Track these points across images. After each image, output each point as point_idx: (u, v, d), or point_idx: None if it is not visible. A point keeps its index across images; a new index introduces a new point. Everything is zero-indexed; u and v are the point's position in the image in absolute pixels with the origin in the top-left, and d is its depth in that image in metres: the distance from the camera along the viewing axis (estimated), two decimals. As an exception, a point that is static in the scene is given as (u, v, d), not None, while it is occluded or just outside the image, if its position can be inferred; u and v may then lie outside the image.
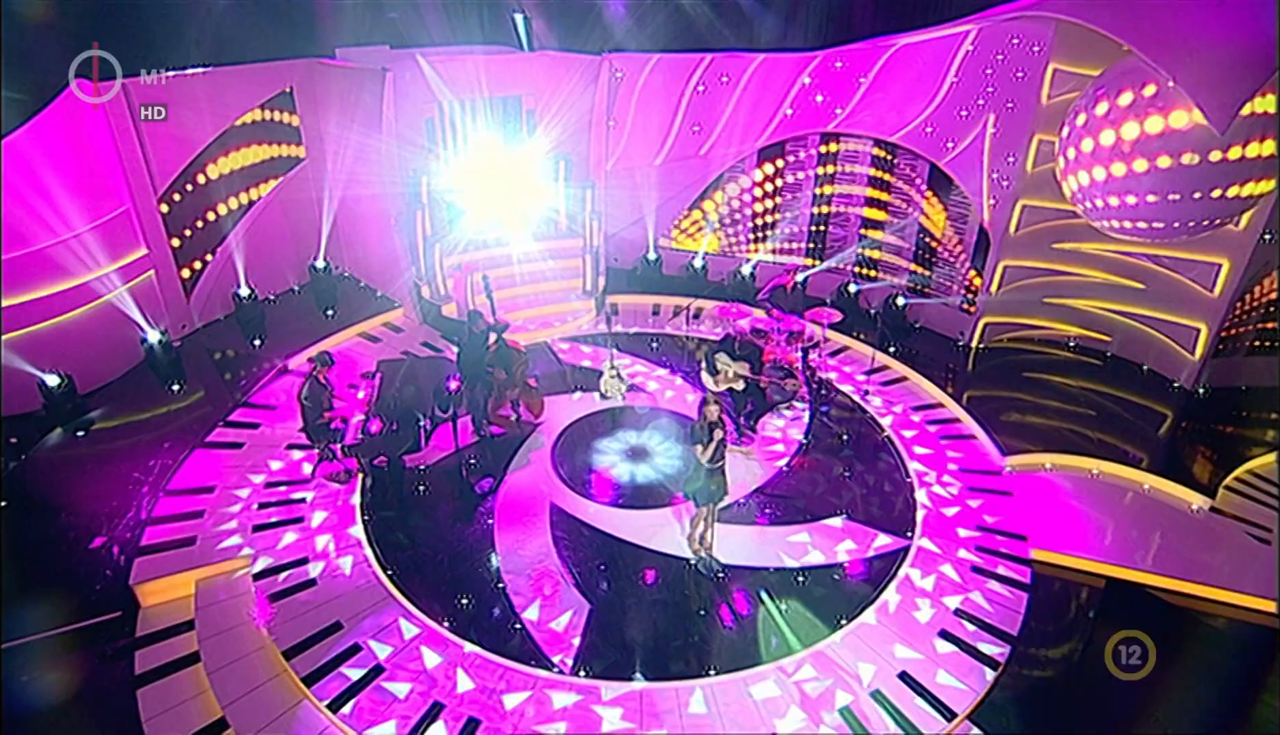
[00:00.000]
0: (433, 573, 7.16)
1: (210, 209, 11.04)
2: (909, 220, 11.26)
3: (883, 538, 7.62)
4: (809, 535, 7.65)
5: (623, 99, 12.00)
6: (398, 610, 6.71)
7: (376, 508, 7.93)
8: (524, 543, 7.48)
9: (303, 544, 7.41)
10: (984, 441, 9.07)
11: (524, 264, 12.31)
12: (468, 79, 11.56)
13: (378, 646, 6.34)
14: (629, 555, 7.38)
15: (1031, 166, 9.71)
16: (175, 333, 10.78)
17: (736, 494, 8.13)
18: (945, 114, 10.19)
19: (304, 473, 8.37)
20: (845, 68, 10.72)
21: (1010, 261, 10.43)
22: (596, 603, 6.82)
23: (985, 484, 8.42)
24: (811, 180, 11.79)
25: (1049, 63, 9.02)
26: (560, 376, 10.43)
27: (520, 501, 8.05)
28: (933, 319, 11.43)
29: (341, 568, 7.15)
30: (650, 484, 8.35)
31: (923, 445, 9.08)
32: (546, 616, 6.67)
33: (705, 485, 6.75)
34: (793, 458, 8.84)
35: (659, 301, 12.51)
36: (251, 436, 8.96)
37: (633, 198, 12.79)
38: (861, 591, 7.00)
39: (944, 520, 7.87)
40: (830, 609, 6.80)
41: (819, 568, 7.27)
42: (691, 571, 7.18)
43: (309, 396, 7.76)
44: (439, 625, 6.55)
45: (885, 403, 9.90)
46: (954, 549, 7.47)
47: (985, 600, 6.88)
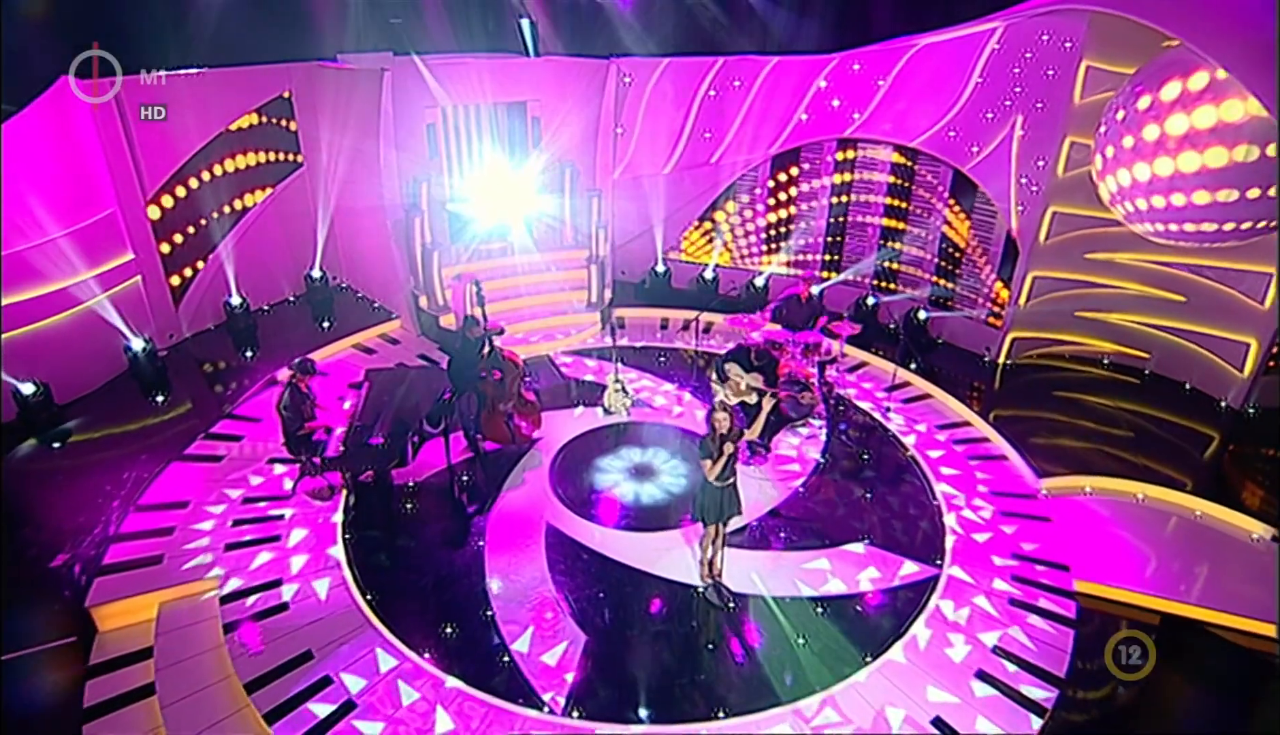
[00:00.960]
0: (416, 598, 6.55)
1: (203, 215, 10.65)
2: (930, 230, 10.70)
3: (910, 565, 6.96)
4: (828, 562, 6.99)
5: (631, 105, 11.60)
6: (375, 639, 6.10)
7: (359, 526, 7.35)
8: (516, 567, 6.86)
9: (277, 565, 6.84)
10: (1016, 463, 8.40)
11: (527, 275, 11.87)
12: (471, 84, 11.19)
13: (350, 679, 5.72)
14: (630, 582, 6.75)
15: (1063, 170, 9.16)
16: (162, 342, 10.34)
17: (749, 516, 7.49)
18: (969, 117, 9.68)
19: (285, 488, 7.82)
20: (863, 70, 10.26)
21: (1040, 272, 9.83)
22: (593, 634, 6.18)
23: (1019, 508, 7.75)
24: (828, 189, 11.28)
25: (1082, 59, 8.51)
26: (564, 390, 9.89)
27: (514, 523, 7.45)
28: (956, 334, 10.82)
29: (316, 591, 6.56)
30: (656, 505, 7.74)
31: (950, 466, 8.43)
32: (538, 648, 6.03)
33: (715, 503, 6.13)
34: (809, 478, 8.20)
35: (667, 316, 11.98)
36: (233, 449, 8.44)
37: (640, 208, 12.33)
38: (888, 625, 6.32)
39: (976, 547, 7.20)
40: (853, 644, 6.12)
41: (840, 598, 6.60)
42: (699, 600, 6.54)
43: (288, 406, 7.24)
44: (419, 657, 5.93)
45: (908, 421, 9.26)
46: (989, 579, 6.78)
47: (1027, 637, 6.18)
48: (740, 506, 6.33)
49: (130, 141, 9.52)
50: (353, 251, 12.01)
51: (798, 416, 8.96)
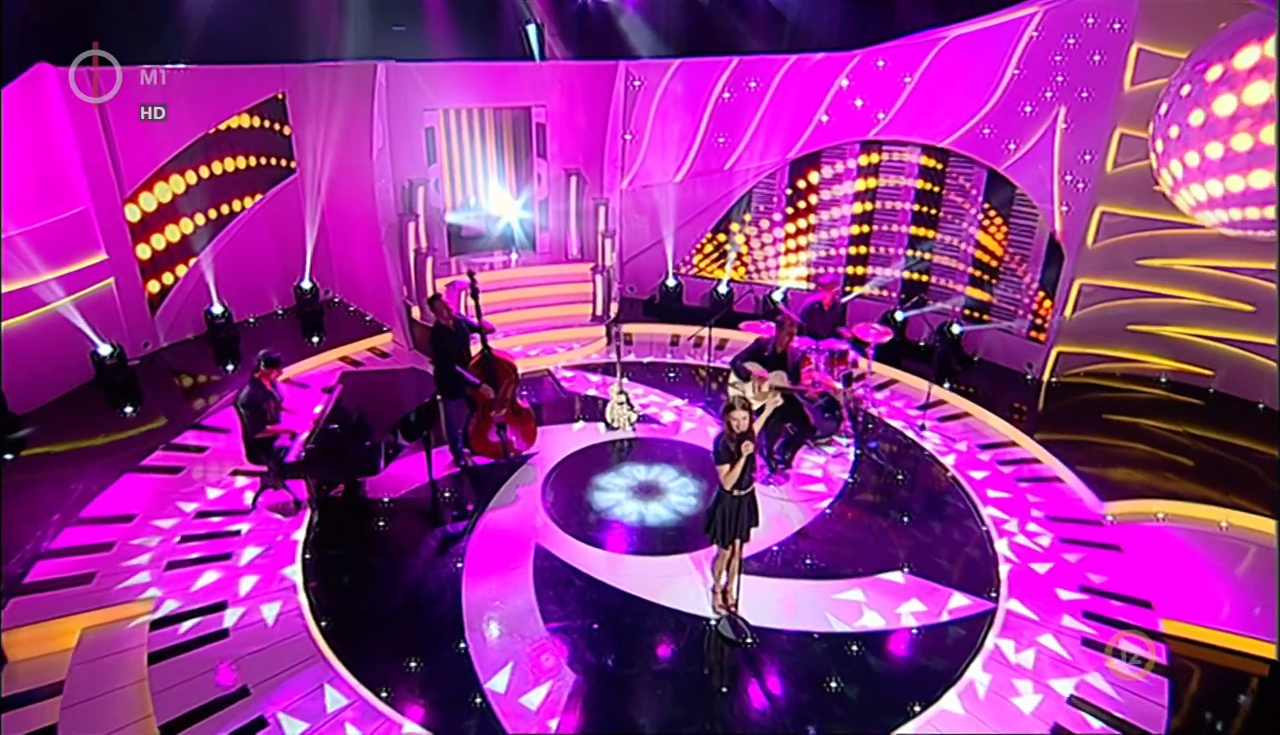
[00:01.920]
0: (378, 627, 5.59)
1: (187, 218, 10.06)
2: (963, 237, 9.89)
3: (959, 598, 5.92)
4: (862, 592, 5.97)
5: (640, 110, 11.01)
6: (325, 673, 5.14)
7: (322, 545, 6.45)
8: (499, 594, 5.90)
9: (223, 585, 5.92)
10: (1073, 485, 7.39)
11: (528, 288, 11.15)
12: (472, 88, 10.68)
13: (289, 722, 4.75)
14: (631, 612, 5.76)
15: (1112, 165, 8.35)
16: (135, 350, 9.63)
17: (770, 539, 6.53)
18: (1005, 111, 8.95)
19: (245, 502, 6.96)
20: (888, 67, 9.60)
21: (1088, 279, 8.94)
22: (585, 672, 5.19)
23: (1082, 535, 6.71)
24: (850, 196, 10.53)
25: (1133, 42, 7.78)
26: (567, 404, 9.04)
27: (499, 544, 6.51)
28: (993, 349, 9.89)
29: (264, 616, 5.63)
30: (662, 526, 6.79)
31: (996, 488, 7.42)
32: (518, 688, 5.04)
33: (732, 516, 5.18)
34: (836, 500, 7.23)
35: (678, 332, 11.16)
36: (195, 461, 7.62)
37: (650, 219, 11.65)
38: (937, 667, 5.28)
39: (1036, 578, 6.16)
40: (897, 690, 5.08)
41: (878, 633, 5.58)
42: (712, 635, 5.54)
43: (246, 403, 6.42)
44: (375, 696, 4.95)
45: (945, 440, 8.29)
46: (1055, 615, 5.73)
47: (1110, 686, 5.10)
48: (759, 518, 5.38)
49: (108, 135, 8.98)
50: (345, 262, 11.37)
51: (822, 434, 8.04)
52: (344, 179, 10.56)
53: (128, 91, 8.78)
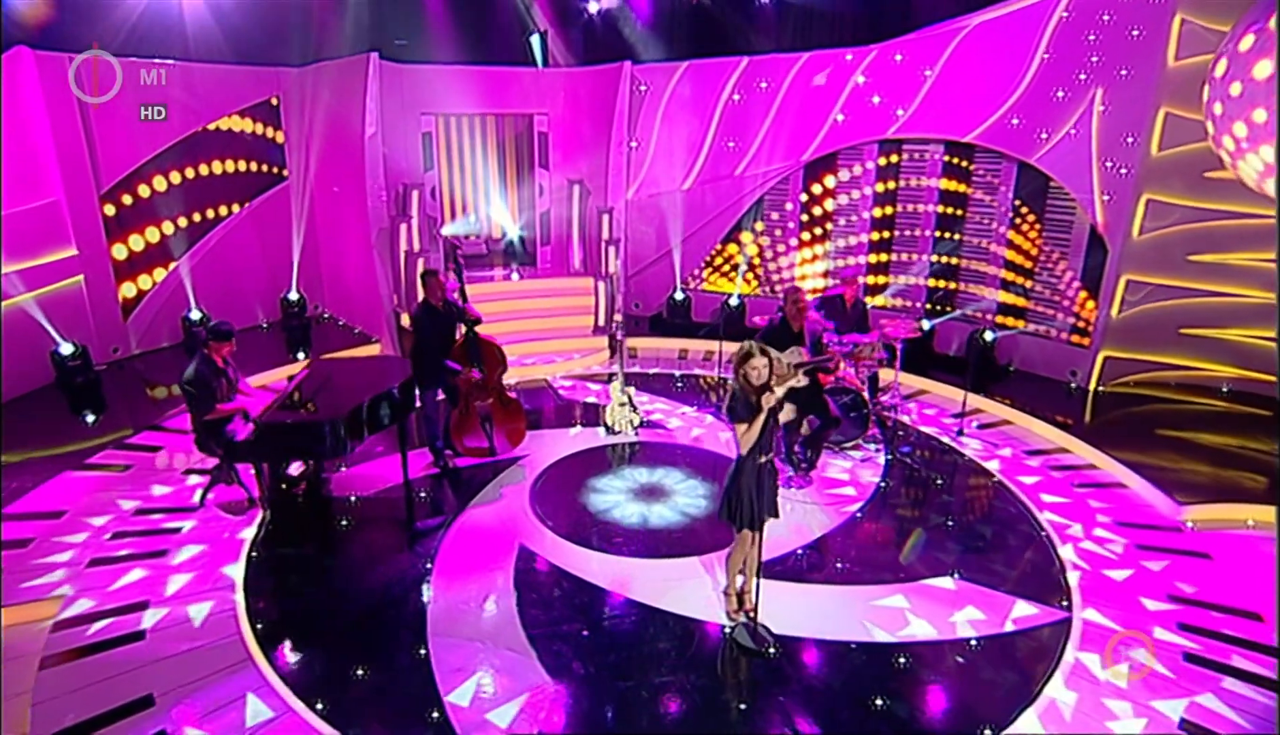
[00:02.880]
0: (326, 631, 4.66)
1: (170, 219, 9.53)
2: (994, 237, 9.19)
3: (1024, 606, 4.93)
4: (905, 599, 4.99)
5: (646, 115, 10.57)
6: (252, 681, 4.19)
7: (273, 543, 5.57)
8: (473, 596, 4.97)
9: (148, 584, 5.03)
10: (1140, 490, 6.44)
11: (527, 300, 10.49)
12: (472, 94, 10.30)
13: (196, 738, 3.80)
14: (627, 616, 4.81)
15: (1157, 148, 7.70)
16: (103, 355, 8.95)
17: (793, 543, 5.59)
18: (1035, 99, 8.37)
19: (193, 500, 6.11)
20: (906, 61, 9.12)
21: (1135, 276, 8.17)
22: (568, 683, 4.21)
23: (1161, 541, 5.72)
24: (870, 199, 9.92)
25: (1175, 12, 7.24)
26: (564, 411, 8.23)
27: (476, 543, 5.60)
28: (1031, 357, 9.04)
29: (190, 617, 4.71)
30: (667, 527, 5.87)
31: (1050, 493, 6.47)
32: (485, 702, 4.07)
33: (750, 491, 4.29)
34: (868, 503, 6.29)
35: (686, 347, 10.40)
36: (145, 460, 6.82)
37: (657, 229, 11.06)
38: (1007, 683, 4.27)
39: (1114, 587, 5.16)
40: (961, 711, 4.07)
41: (929, 644, 4.58)
42: (728, 645, 4.56)
43: (194, 380, 5.65)
44: (309, 708, 3.99)
45: (986, 446, 7.37)
46: (1144, 628, 4.72)
47: (1230, 708, 4.07)
48: (777, 505, 4.49)
49: (87, 126, 8.53)
50: (334, 269, 10.78)
51: (846, 438, 7.16)
52: (336, 182, 10.08)
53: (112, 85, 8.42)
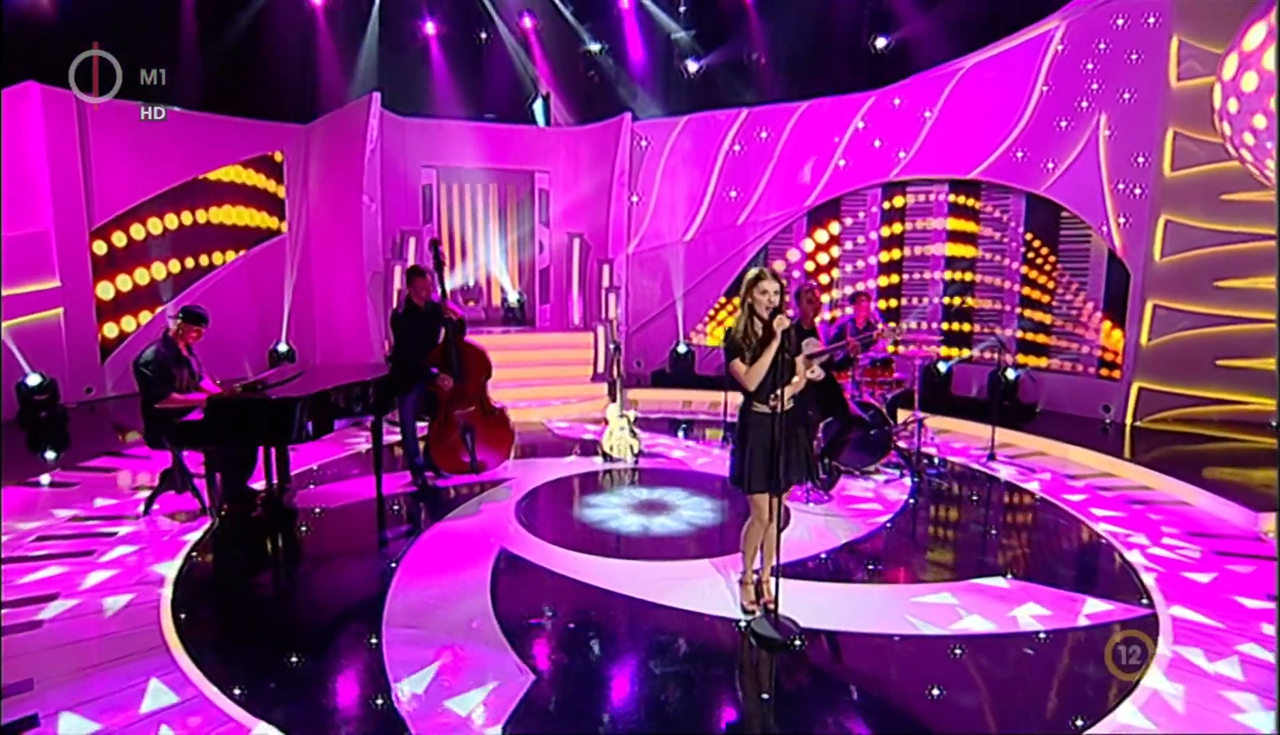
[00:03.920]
0: (262, 619, 3.90)
1: (161, 262, 9.33)
2: (1006, 273, 8.88)
3: (1096, 603, 4.14)
4: (954, 597, 4.21)
5: (648, 169, 10.62)
6: (160, 668, 3.41)
7: (220, 543, 4.85)
8: (444, 594, 4.21)
9: (64, 580, 4.29)
10: (1206, 506, 5.71)
11: (524, 351, 10.09)
12: (473, 148, 10.42)
13: (73, 722, 2.99)
14: (622, 612, 4.04)
15: (1170, 168, 7.53)
16: (74, 393, 8.47)
17: (815, 548, 4.86)
18: (1038, 130, 8.33)
19: (138, 510, 5.42)
20: (905, 104, 9.20)
21: (1161, 301, 7.78)
22: (549, 671, 3.42)
23: (1240, 549, 4.96)
24: (876, 244, 9.73)
25: (1172, 34, 7.29)
26: (559, 445, 7.61)
27: (450, 546, 4.87)
28: (1058, 396, 8.48)
29: (104, 608, 3.96)
30: (670, 535, 5.14)
31: (1101, 507, 5.75)
32: (445, 687, 3.27)
33: (765, 446, 3.67)
34: (898, 515, 5.57)
35: (689, 398, 9.87)
36: (93, 479, 6.18)
37: (660, 282, 10.84)
38: (1092, 675, 3.45)
39: (1198, 587, 4.38)
40: (1035, 701, 3.25)
41: (988, 637, 3.78)
42: (745, 639, 3.77)
43: (153, 361, 5.15)
44: (225, 694, 3.20)
45: (1021, 471, 6.69)
46: (1248, 623, 3.92)
47: (1375, 692, 3.24)
48: (811, 463, 3.87)
49: (86, 162, 8.51)
50: (327, 319, 10.44)
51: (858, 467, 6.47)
52: (333, 231, 9.97)
53: (120, 124, 8.49)
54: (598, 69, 11.34)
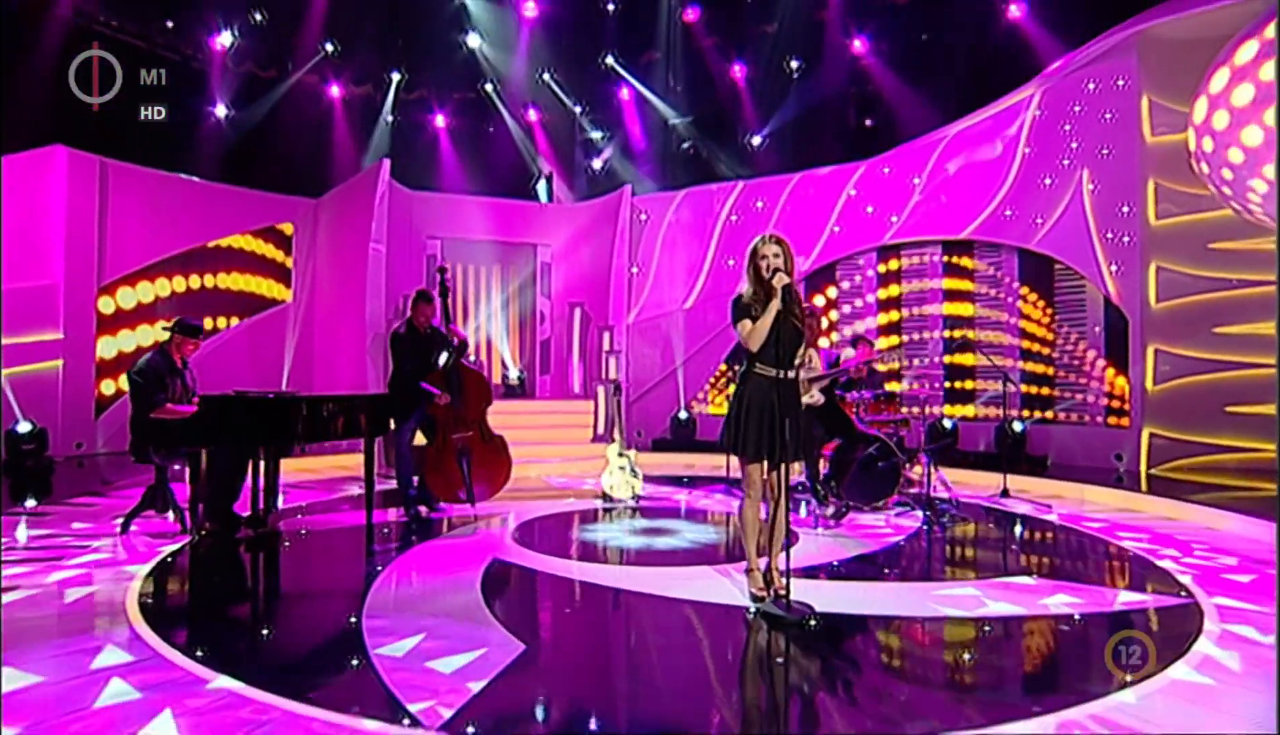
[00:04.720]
0: (231, 604, 3.61)
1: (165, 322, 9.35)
2: (1005, 327, 8.93)
3: (1130, 595, 3.85)
4: (978, 591, 3.92)
5: (647, 241, 10.94)
6: (116, 637, 3.11)
7: (198, 551, 4.58)
8: (431, 590, 3.92)
9: (25, 576, 4.01)
10: (1239, 528, 5.44)
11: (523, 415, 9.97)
12: (477, 221, 10.78)
13: (12, 674, 2.70)
14: (623, 603, 3.75)
15: (1154, 217, 7.75)
16: (65, 447, 8.32)
17: (828, 557, 4.59)
18: (1024, 190, 8.64)
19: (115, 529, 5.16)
20: (894, 172, 9.61)
21: (1162, 346, 7.77)
22: (539, 643, 3.13)
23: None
24: (874, 307, 9.85)
25: (1142, 93, 7.71)
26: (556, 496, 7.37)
27: (441, 556, 4.60)
28: (1067, 449, 8.29)
29: (64, 597, 3.67)
30: (673, 549, 4.86)
31: (1125, 530, 5.47)
32: (425, 650, 2.97)
33: (763, 411, 3.53)
34: (911, 537, 5.28)
35: (693, 460, 9.65)
36: (71, 511, 5.94)
37: (660, 350, 10.89)
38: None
39: (1238, 585, 4.09)
40: (1077, 669, 2.95)
41: (1019, 618, 3.48)
42: (754, 623, 3.47)
43: (145, 370, 5.05)
44: (187, 657, 2.90)
45: (1037, 507, 6.42)
46: (1294, 608, 3.64)
47: None
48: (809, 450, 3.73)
49: (102, 222, 8.79)
50: (326, 384, 10.39)
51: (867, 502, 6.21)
52: (338, 295, 10.14)
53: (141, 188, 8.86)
54: (599, 154, 11.94)
